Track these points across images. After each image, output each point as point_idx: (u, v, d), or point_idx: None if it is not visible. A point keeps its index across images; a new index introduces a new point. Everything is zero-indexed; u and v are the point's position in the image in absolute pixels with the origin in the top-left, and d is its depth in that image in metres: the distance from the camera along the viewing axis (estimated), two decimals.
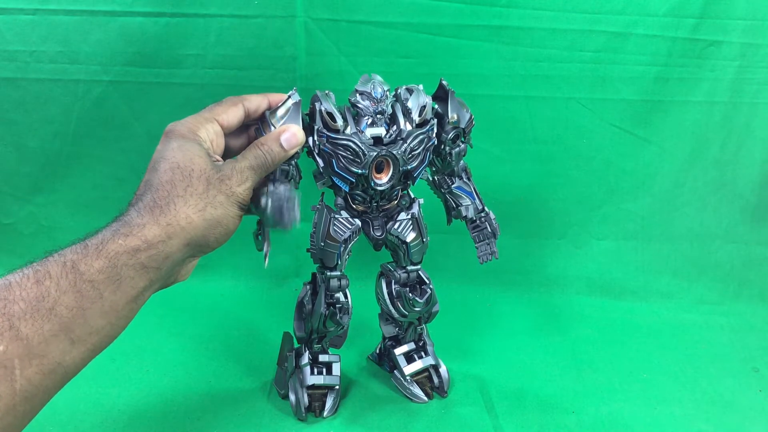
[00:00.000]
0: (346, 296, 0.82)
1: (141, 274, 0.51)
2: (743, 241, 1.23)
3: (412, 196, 0.81)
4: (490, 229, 0.85)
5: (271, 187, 0.68)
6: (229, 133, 0.68)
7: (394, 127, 0.73)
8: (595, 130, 1.18)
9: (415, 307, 0.82)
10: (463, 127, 0.79)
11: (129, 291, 0.50)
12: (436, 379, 0.89)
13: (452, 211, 0.85)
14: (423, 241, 0.81)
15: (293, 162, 0.73)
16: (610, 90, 1.15)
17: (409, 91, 0.75)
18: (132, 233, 0.51)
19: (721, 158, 1.20)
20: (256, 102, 0.69)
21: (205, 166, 0.58)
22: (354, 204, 0.78)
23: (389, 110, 0.73)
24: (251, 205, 0.66)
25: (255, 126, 0.72)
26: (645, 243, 1.24)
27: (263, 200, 0.67)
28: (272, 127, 0.70)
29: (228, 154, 0.69)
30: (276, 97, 0.71)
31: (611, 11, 1.09)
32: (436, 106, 0.79)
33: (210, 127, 0.62)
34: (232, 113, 0.66)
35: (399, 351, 0.89)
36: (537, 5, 1.09)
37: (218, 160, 0.62)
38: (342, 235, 0.77)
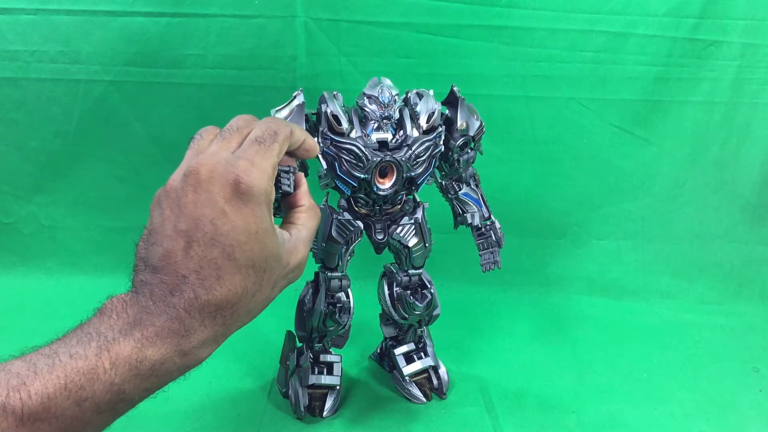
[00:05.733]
0: (347, 296, 0.81)
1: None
2: (743, 241, 1.23)
3: (417, 200, 0.80)
4: (494, 238, 0.84)
5: None
6: None
7: (401, 132, 0.72)
8: (595, 130, 1.18)
9: (415, 310, 0.81)
10: (472, 135, 0.77)
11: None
12: (435, 381, 0.89)
13: (458, 217, 0.84)
14: (425, 246, 0.81)
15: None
16: (610, 90, 1.15)
17: (419, 95, 0.74)
18: (190, 353, 0.44)
19: (721, 158, 1.20)
20: (310, 150, 0.55)
21: (280, 259, 0.48)
22: (357, 206, 0.78)
23: (396, 115, 0.72)
24: None
25: None
26: (645, 243, 1.24)
27: None
28: None
29: None
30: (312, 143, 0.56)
31: (611, 11, 1.09)
32: (447, 112, 0.77)
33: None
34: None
35: (398, 351, 0.89)
36: (537, 5, 1.09)
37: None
38: (343, 237, 0.77)
